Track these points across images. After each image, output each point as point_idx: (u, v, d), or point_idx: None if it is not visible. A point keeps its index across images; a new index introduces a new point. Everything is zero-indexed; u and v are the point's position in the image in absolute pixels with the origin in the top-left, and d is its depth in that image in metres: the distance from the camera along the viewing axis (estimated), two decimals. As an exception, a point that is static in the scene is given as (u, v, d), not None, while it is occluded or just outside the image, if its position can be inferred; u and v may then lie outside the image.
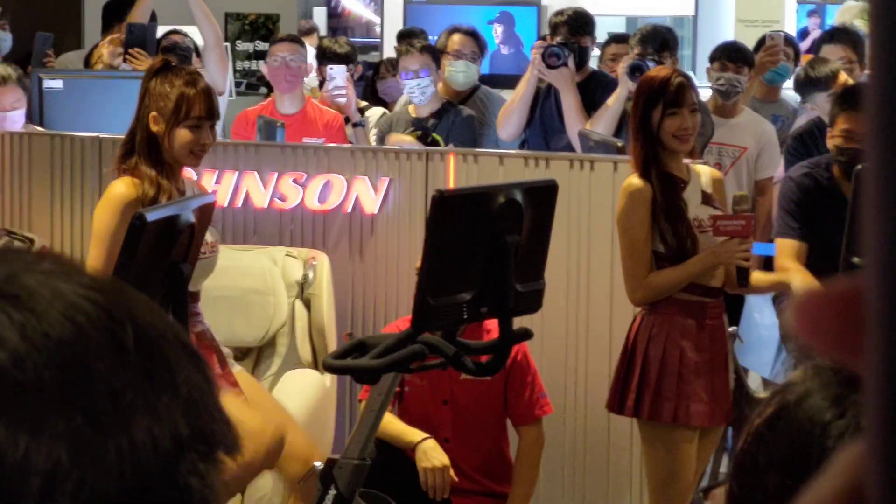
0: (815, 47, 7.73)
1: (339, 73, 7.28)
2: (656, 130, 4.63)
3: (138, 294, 0.86)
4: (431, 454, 4.62)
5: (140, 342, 0.82)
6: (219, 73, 7.57)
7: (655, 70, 5.00)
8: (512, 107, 6.70)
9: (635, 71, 6.26)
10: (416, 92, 6.87)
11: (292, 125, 6.82)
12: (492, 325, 4.46)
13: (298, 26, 12.85)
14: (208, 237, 4.36)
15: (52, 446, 0.77)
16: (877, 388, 0.54)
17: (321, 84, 7.80)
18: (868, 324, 0.55)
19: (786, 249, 5.33)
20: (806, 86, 6.80)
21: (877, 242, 0.54)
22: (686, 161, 4.76)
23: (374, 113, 7.49)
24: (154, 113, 4.42)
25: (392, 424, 4.62)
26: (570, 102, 6.50)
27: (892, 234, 0.54)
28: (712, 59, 6.98)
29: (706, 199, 4.73)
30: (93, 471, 0.78)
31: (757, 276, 5.00)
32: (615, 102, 6.36)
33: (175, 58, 6.24)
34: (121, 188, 4.38)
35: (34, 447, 0.77)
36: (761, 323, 5.20)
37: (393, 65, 8.20)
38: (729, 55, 6.89)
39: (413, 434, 4.66)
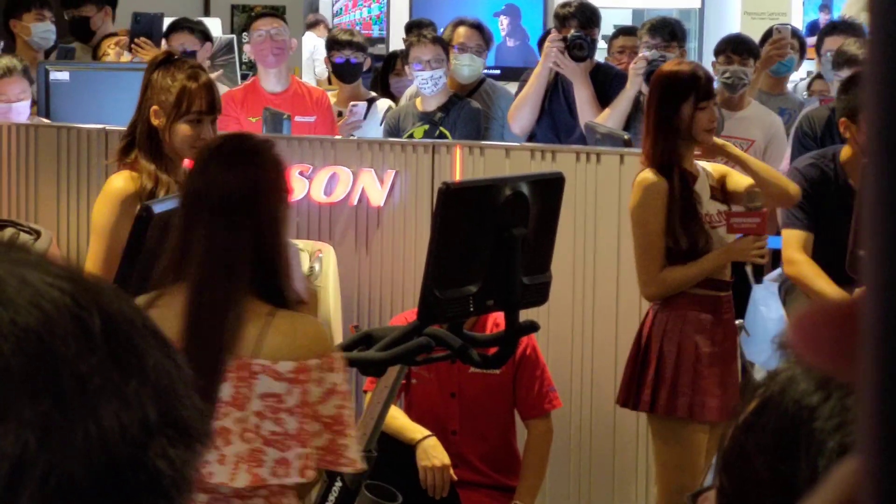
0: (818, 40, 7.71)
1: (360, 110, 7.20)
2: (688, 125, 4.60)
3: (106, 283, 0.87)
4: (432, 453, 4.61)
5: (107, 329, 0.83)
6: None
7: (674, 64, 4.91)
8: (524, 101, 6.64)
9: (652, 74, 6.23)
10: (429, 83, 6.79)
11: (282, 105, 6.77)
12: (498, 318, 4.46)
13: (307, 20, 12.84)
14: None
15: (20, 432, 0.78)
16: (871, 401, 0.54)
17: (329, 77, 7.77)
18: (863, 336, 0.55)
19: (793, 240, 5.31)
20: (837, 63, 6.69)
21: (877, 253, 0.54)
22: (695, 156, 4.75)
23: (383, 104, 7.45)
24: (155, 106, 4.39)
25: (395, 419, 4.61)
26: (584, 96, 6.47)
27: (892, 243, 0.54)
28: (717, 52, 6.96)
29: (713, 195, 4.73)
30: (61, 456, 0.78)
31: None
32: (626, 100, 6.35)
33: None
34: (118, 182, 4.36)
35: (2, 433, 0.77)
36: (768, 316, 5.18)
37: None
38: (734, 48, 6.88)
39: (415, 431, 4.65)
